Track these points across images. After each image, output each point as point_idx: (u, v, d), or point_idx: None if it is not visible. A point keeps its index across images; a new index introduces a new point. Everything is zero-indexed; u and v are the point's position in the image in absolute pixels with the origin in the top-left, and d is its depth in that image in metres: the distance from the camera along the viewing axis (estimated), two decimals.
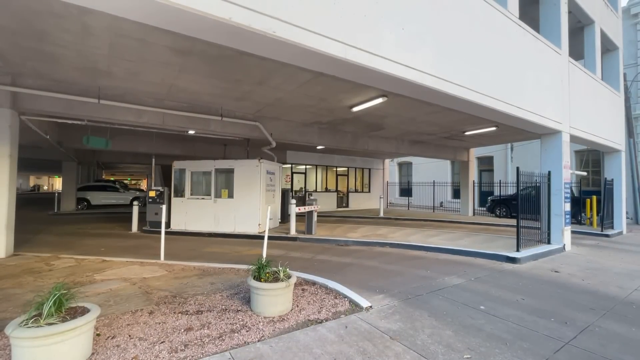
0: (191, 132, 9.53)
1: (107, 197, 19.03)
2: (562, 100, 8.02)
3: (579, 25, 9.51)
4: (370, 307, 3.88)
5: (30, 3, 4.02)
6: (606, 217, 10.74)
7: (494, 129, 10.67)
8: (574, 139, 8.82)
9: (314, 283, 4.77)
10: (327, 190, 18.85)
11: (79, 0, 2.77)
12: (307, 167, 18.09)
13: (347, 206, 19.36)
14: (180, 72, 6.23)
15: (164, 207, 6.54)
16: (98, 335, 3.06)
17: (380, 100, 7.54)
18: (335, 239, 8.47)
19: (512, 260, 6.38)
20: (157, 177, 22.26)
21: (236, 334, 3.14)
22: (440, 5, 5.05)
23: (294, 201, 9.42)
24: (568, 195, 8.02)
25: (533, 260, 6.65)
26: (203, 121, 8.65)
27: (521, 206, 7.09)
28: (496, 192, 17.80)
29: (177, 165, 10.53)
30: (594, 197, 11.66)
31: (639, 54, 15.04)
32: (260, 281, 3.66)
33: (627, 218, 12.57)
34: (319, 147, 14.20)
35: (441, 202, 21.68)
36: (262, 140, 10.29)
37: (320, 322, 3.45)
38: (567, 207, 7.97)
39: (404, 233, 9.63)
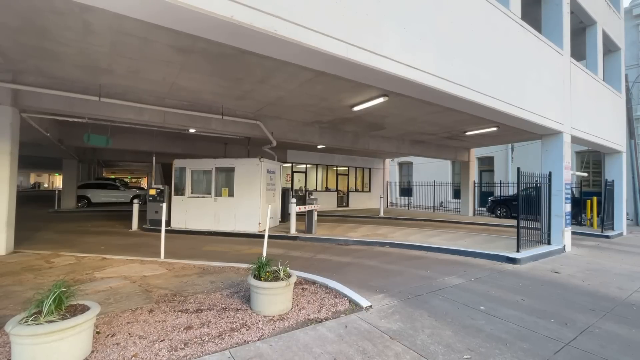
0: (192, 130, 9.53)
1: (108, 195, 19.04)
2: (564, 101, 8.00)
3: (581, 25, 9.49)
4: (370, 306, 3.87)
5: (32, 0, 4.01)
6: (606, 218, 10.73)
7: (494, 129, 10.65)
8: (575, 139, 8.81)
9: (314, 282, 4.77)
10: (327, 189, 18.84)
11: None
12: (308, 166, 18.09)
13: (347, 206, 19.35)
14: (182, 71, 6.22)
15: (164, 205, 6.53)
16: (98, 333, 3.06)
17: (381, 99, 7.53)
18: (335, 239, 8.47)
19: (513, 260, 6.37)
20: (157, 175, 22.26)
21: (236, 333, 3.13)
22: (443, 5, 5.04)
23: (294, 200, 9.42)
24: (568, 196, 8.01)
25: (533, 261, 6.65)
26: (204, 120, 8.65)
27: (522, 207, 7.08)
28: (496, 193, 17.80)
29: (177, 163, 10.53)
30: (595, 198, 11.66)
31: None
32: (261, 280, 3.66)
33: (627, 219, 12.56)
34: (319, 147, 14.19)
35: (441, 202, 21.68)
36: (262, 139, 10.29)
37: (320, 322, 3.44)
38: (568, 208, 7.96)
39: (404, 233, 9.62)
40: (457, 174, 20.27)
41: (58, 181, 44.34)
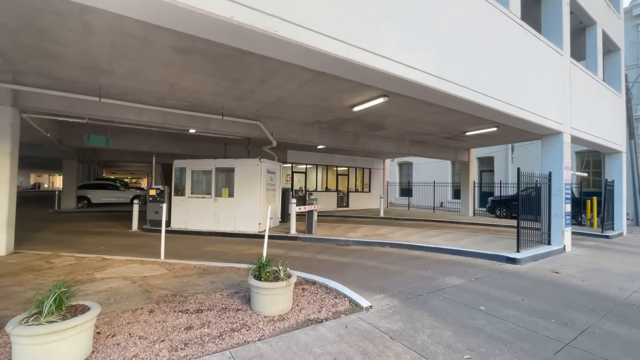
0: (192, 131, 9.53)
1: (108, 195, 19.03)
2: (563, 101, 8.01)
3: (581, 26, 9.50)
4: (371, 306, 3.87)
5: (31, 1, 4.01)
6: (606, 218, 10.73)
7: (494, 129, 10.65)
8: (574, 139, 8.81)
9: (314, 282, 4.77)
10: (327, 189, 18.84)
11: None
12: (308, 166, 18.09)
13: (347, 206, 19.35)
14: (182, 71, 6.23)
15: (164, 205, 6.53)
16: (98, 333, 3.06)
17: (381, 100, 7.54)
18: (336, 239, 8.47)
19: (513, 260, 6.37)
20: (157, 175, 22.28)
21: (236, 333, 3.14)
22: (443, 5, 5.04)
23: (294, 200, 9.42)
24: (569, 196, 8.01)
25: (533, 261, 6.65)
26: (204, 120, 8.65)
27: (522, 207, 7.08)
28: (497, 193, 17.80)
29: (177, 164, 10.54)
30: (595, 198, 11.66)
31: None
32: (261, 280, 3.66)
33: (627, 219, 12.56)
34: (319, 147, 14.19)
35: (441, 203, 21.67)
36: (262, 139, 10.29)
37: (321, 322, 3.44)
38: (568, 208, 7.96)
39: (404, 233, 9.62)
40: (457, 174, 20.27)
41: (58, 182, 44.33)
